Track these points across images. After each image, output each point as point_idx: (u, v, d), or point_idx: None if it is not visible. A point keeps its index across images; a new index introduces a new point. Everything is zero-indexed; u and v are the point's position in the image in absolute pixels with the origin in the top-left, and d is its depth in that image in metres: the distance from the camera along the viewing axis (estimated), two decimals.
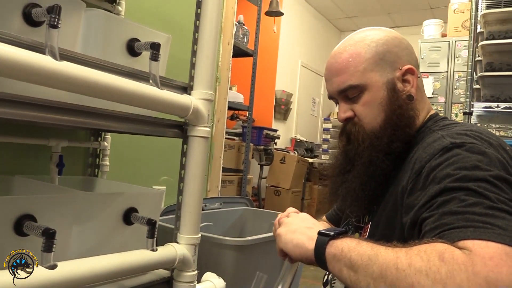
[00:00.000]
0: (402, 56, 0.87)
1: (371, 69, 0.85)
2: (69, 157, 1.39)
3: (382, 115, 0.84)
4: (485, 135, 0.74)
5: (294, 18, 6.13)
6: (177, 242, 1.10)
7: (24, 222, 0.85)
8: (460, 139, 0.72)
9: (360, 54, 0.86)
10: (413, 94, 0.85)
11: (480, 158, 0.67)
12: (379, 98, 0.85)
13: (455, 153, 0.69)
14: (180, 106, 1.05)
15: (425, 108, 0.89)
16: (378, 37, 0.88)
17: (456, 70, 4.10)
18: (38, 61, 0.76)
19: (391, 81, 0.85)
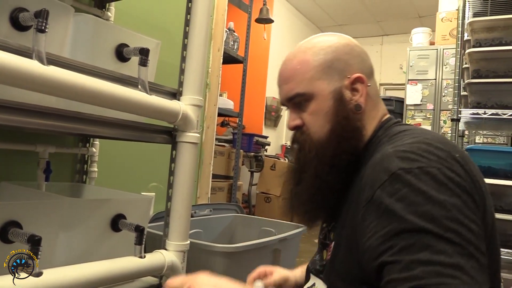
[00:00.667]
0: (353, 64, 0.83)
1: (319, 77, 0.82)
2: (57, 163, 1.37)
3: (328, 126, 0.81)
4: (434, 147, 0.69)
5: (284, 25, 6.17)
6: (165, 249, 1.09)
7: (10, 229, 0.83)
8: (407, 160, 0.67)
9: (308, 62, 0.83)
10: (362, 104, 0.81)
11: (431, 187, 0.63)
12: (326, 108, 0.81)
13: (405, 182, 0.65)
14: (169, 111, 1.05)
15: (377, 116, 0.85)
16: (327, 44, 0.84)
17: (444, 77, 4.15)
18: (25, 66, 0.75)
19: (338, 90, 0.81)
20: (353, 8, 6.17)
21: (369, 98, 0.83)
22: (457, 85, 1.83)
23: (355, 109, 0.81)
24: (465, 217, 0.61)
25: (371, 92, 0.83)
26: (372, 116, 0.84)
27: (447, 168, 0.65)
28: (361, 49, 0.86)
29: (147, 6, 1.82)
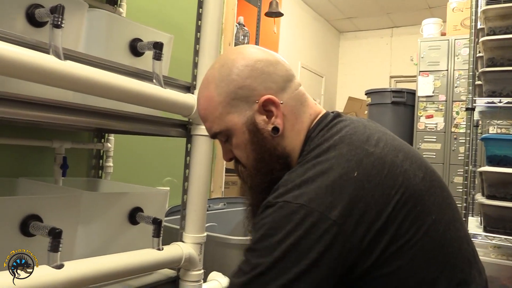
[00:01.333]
0: (256, 86, 0.77)
1: (228, 112, 0.78)
2: (73, 159, 1.39)
3: (250, 157, 0.79)
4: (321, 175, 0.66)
5: (293, 19, 6.14)
6: (182, 241, 1.10)
7: (30, 223, 0.85)
8: (283, 191, 0.67)
9: (213, 98, 0.78)
10: (279, 125, 0.76)
11: (276, 225, 0.64)
12: (244, 141, 0.78)
13: (264, 214, 0.67)
14: (183, 105, 1.05)
15: (302, 128, 0.79)
16: (225, 74, 0.78)
17: (456, 68, 4.10)
18: (42, 61, 0.76)
19: (250, 120, 0.77)
20: (362, 0, 6.13)
21: (288, 113, 0.78)
22: (471, 74, 1.80)
23: (272, 134, 0.77)
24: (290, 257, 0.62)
25: (289, 105, 0.78)
26: (297, 131, 0.79)
27: (312, 204, 0.63)
28: (265, 63, 0.78)
29: (157, 1, 1.83)
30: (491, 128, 2.91)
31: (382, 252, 0.64)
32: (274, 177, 0.76)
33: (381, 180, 0.66)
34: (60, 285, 0.78)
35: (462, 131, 3.75)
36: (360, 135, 0.72)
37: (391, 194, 0.66)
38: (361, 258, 0.64)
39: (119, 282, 1.02)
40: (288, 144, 0.78)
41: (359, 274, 0.65)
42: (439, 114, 4.16)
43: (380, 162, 0.68)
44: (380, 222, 0.64)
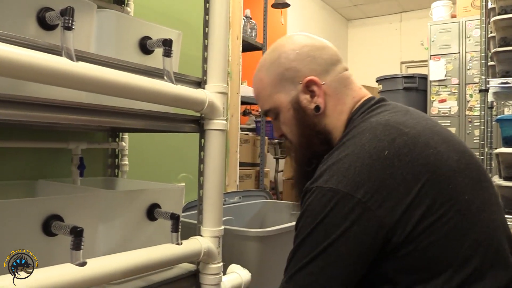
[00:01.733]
0: (302, 68, 0.85)
1: (276, 92, 0.87)
2: (89, 159, 1.41)
3: (296, 134, 0.87)
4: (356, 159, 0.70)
5: (300, 9, 6.10)
6: (201, 235, 1.11)
7: (52, 223, 0.86)
8: (316, 176, 0.73)
9: (263, 80, 0.89)
10: (320, 104, 0.83)
11: (312, 209, 0.71)
12: (290, 118, 0.87)
13: (303, 200, 0.74)
14: (195, 100, 1.06)
15: (345, 110, 0.84)
16: (275, 57, 0.88)
17: (468, 50, 4.04)
18: (55, 63, 0.77)
19: (295, 98, 0.85)
20: None
21: (330, 94, 0.84)
22: (483, 55, 1.78)
23: (314, 112, 0.83)
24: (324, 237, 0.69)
25: (331, 87, 0.84)
26: (339, 111, 0.84)
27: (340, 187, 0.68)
28: (311, 47, 0.86)
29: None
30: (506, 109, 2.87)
31: (414, 228, 0.66)
32: (314, 151, 0.83)
33: (412, 158, 0.69)
34: (84, 282, 0.79)
35: (477, 114, 3.70)
36: (399, 118, 0.76)
37: (422, 171, 0.68)
38: (393, 233, 0.67)
39: (140, 277, 1.03)
40: (329, 123, 0.84)
41: (393, 249, 0.68)
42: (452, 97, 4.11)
43: (413, 141, 0.71)
44: (409, 198, 0.66)
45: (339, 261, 0.68)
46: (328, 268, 0.68)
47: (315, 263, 0.69)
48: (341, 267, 0.68)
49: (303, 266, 0.70)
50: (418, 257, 0.67)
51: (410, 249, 0.67)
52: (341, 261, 0.68)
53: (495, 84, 1.66)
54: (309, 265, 0.69)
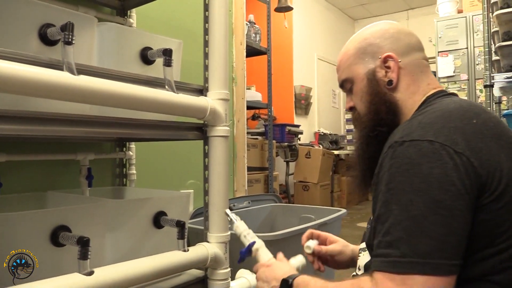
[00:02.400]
0: (384, 45, 0.91)
1: (356, 63, 0.93)
2: (97, 169, 1.43)
3: (365, 103, 0.92)
4: (443, 118, 0.75)
5: (305, 11, 6.11)
6: (207, 241, 1.12)
7: (60, 233, 0.88)
8: (405, 133, 0.74)
9: (348, 52, 0.96)
10: (393, 79, 0.89)
11: (412, 160, 0.70)
12: (362, 88, 0.92)
13: (393, 154, 0.73)
14: (197, 108, 1.07)
15: (418, 91, 0.89)
16: (365, 34, 0.95)
17: (476, 45, 4.00)
18: (57, 78, 0.79)
19: (371, 71, 0.91)
20: None
21: (405, 73, 0.90)
22: (487, 50, 1.77)
23: (387, 85, 0.89)
24: (432, 190, 0.67)
25: (407, 67, 0.90)
26: (412, 91, 0.90)
27: (439, 140, 0.70)
28: (397, 31, 0.93)
29: (167, 8, 1.86)
30: None
31: (505, 186, 0.70)
32: (380, 118, 0.88)
33: (497, 132, 0.75)
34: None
35: None
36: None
37: (504, 146, 0.74)
38: (486, 188, 0.70)
39: (148, 285, 1.04)
40: (400, 98, 0.89)
41: (483, 204, 0.70)
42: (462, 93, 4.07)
43: (497, 120, 0.79)
44: (497, 163, 0.71)
45: (456, 213, 0.67)
46: (448, 221, 0.67)
47: (432, 218, 0.67)
48: (459, 218, 0.67)
49: (418, 222, 0.67)
50: (502, 215, 0.70)
51: (497, 207, 0.70)
52: (457, 213, 0.67)
53: (500, 79, 1.65)
54: (425, 220, 0.67)
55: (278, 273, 0.93)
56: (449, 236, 0.67)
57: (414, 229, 0.67)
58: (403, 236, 0.67)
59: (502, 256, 0.70)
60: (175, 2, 1.86)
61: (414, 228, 0.67)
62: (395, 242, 0.68)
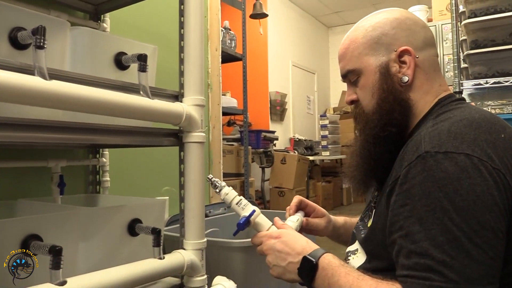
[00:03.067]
0: (400, 37, 0.84)
1: (366, 53, 0.86)
2: (70, 177, 1.40)
3: (374, 99, 0.84)
4: (473, 128, 0.70)
5: (280, 19, 6.16)
6: (183, 248, 1.11)
7: (31, 242, 0.86)
8: (436, 143, 0.69)
9: (357, 40, 0.87)
10: (408, 76, 0.82)
11: (450, 175, 0.65)
12: (373, 81, 0.85)
13: (426, 166, 0.67)
14: (172, 114, 1.06)
15: (431, 91, 0.84)
16: (376, 21, 0.87)
17: (445, 53, 4.12)
18: (28, 83, 0.77)
19: (384, 64, 0.84)
20: None
21: (420, 71, 0.83)
22: (456, 58, 1.82)
23: (401, 82, 0.82)
24: (475, 210, 0.63)
25: (423, 64, 0.84)
26: (425, 90, 0.84)
27: (476, 154, 0.65)
28: (414, 22, 0.86)
29: (142, 13, 1.84)
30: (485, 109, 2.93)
31: None
32: (392, 117, 0.81)
33: None
34: None
35: None
36: None
37: None
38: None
39: None
40: (413, 97, 0.83)
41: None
42: None
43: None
44: None
45: (499, 235, 0.63)
46: (493, 243, 0.62)
47: (478, 240, 0.62)
48: (502, 241, 0.64)
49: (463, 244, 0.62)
50: None
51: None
52: (501, 236, 0.64)
53: (468, 86, 1.70)
54: (470, 242, 0.62)
55: (296, 247, 0.84)
56: (496, 260, 0.62)
57: (459, 252, 0.61)
58: (446, 259, 0.61)
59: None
60: (150, 7, 1.85)
61: (459, 251, 0.61)
62: (436, 266, 0.62)
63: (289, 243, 0.85)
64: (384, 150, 0.82)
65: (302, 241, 0.85)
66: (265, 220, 0.98)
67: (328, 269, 0.77)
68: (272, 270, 0.88)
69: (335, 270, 0.75)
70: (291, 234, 0.89)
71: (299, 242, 0.85)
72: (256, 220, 0.97)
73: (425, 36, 0.86)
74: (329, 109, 7.29)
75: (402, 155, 0.76)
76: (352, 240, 0.95)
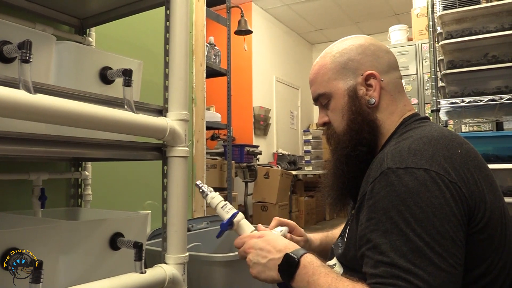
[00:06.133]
0: (365, 62, 0.89)
1: (335, 78, 0.91)
2: (51, 190, 1.39)
3: (344, 120, 0.89)
4: (432, 145, 0.74)
5: (265, 35, 6.24)
6: (165, 262, 1.11)
7: None
8: (398, 160, 0.73)
9: (326, 65, 0.92)
10: (375, 98, 0.87)
11: (410, 188, 0.69)
12: (342, 104, 0.90)
13: (389, 182, 0.72)
14: (156, 128, 1.08)
15: (396, 111, 0.89)
16: (343, 47, 0.92)
17: (425, 71, 4.22)
18: (12, 96, 0.77)
19: (352, 88, 0.89)
20: (329, 12, 6.28)
21: (385, 93, 0.89)
22: (433, 77, 1.88)
23: (368, 104, 0.88)
24: (434, 221, 0.67)
25: (387, 86, 0.89)
26: (390, 111, 0.89)
27: (434, 168, 0.70)
28: (377, 48, 0.92)
29: (127, 28, 1.86)
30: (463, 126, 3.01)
31: (488, 219, 0.72)
32: (362, 137, 0.86)
33: (478, 164, 0.76)
34: None
35: None
36: None
37: (485, 179, 0.75)
38: (472, 219, 0.71)
39: None
40: (380, 118, 0.88)
41: (469, 234, 0.71)
42: None
43: (475, 151, 0.79)
44: (479, 195, 0.73)
45: (458, 244, 0.67)
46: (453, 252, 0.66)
47: (438, 249, 0.66)
48: (461, 249, 0.68)
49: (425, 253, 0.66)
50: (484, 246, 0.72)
51: (480, 238, 0.71)
52: (459, 244, 0.68)
53: (445, 104, 1.76)
54: (432, 251, 0.66)
55: (278, 244, 0.86)
56: (456, 267, 0.66)
57: (422, 261, 0.65)
58: (411, 267, 0.65)
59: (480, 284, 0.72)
60: (135, 22, 1.86)
61: (422, 260, 0.65)
62: (403, 273, 0.65)
63: (271, 242, 0.87)
64: (356, 169, 0.86)
65: (284, 240, 0.88)
66: (248, 224, 1.00)
67: (309, 267, 0.78)
68: (252, 268, 0.89)
69: (316, 269, 0.77)
70: (273, 234, 0.91)
71: (281, 241, 0.87)
72: (240, 223, 0.99)
73: (389, 60, 0.91)
74: (312, 124, 7.36)
75: (368, 172, 0.80)
76: (331, 255, 0.98)
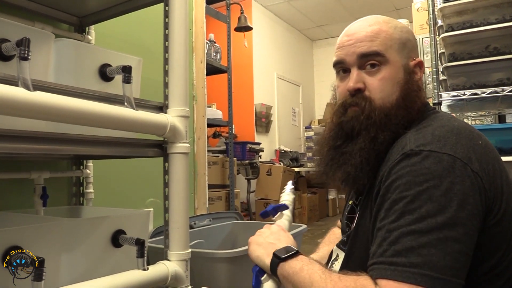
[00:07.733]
0: (415, 48, 0.91)
1: (396, 49, 0.86)
2: (53, 188, 1.39)
3: (397, 95, 0.84)
4: (454, 133, 0.74)
5: (265, 32, 6.23)
6: (168, 259, 1.11)
7: None
8: (422, 143, 0.72)
9: (390, 32, 0.87)
10: (421, 85, 0.88)
11: (432, 171, 0.69)
12: (397, 77, 0.85)
13: (410, 162, 0.71)
14: (157, 125, 1.07)
15: (418, 99, 0.88)
16: (402, 25, 0.91)
17: (426, 66, 4.19)
18: (11, 93, 0.77)
19: (407, 67, 0.87)
20: (330, 8, 6.25)
21: (421, 82, 0.89)
22: (435, 70, 1.87)
23: (417, 88, 0.87)
24: (451, 206, 0.66)
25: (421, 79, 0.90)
26: (416, 97, 0.88)
27: (459, 155, 0.70)
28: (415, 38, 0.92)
29: (126, 26, 1.85)
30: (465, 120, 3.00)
31: (504, 211, 0.72)
32: (409, 117, 0.83)
33: (496, 155, 0.76)
34: None
35: None
36: None
37: (503, 170, 0.76)
38: (489, 211, 0.71)
39: None
40: (418, 103, 0.86)
41: (486, 227, 0.71)
42: None
43: (491, 144, 0.78)
44: (496, 181, 0.72)
45: (470, 232, 0.67)
46: (462, 239, 0.66)
47: (448, 233, 0.65)
48: (471, 238, 0.67)
49: (434, 235, 0.65)
50: (500, 239, 0.72)
51: (496, 231, 0.71)
52: (471, 233, 0.67)
53: (447, 98, 1.75)
54: (441, 233, 0.65)
55: (286, 240, 0.86)
56: (462, 254, 0.65)
57: (428, 242, 0.65)
58: (414, 246, 0.65)
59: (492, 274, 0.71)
60: (134, 19, 1.86)
61: (428, 241, 0.65)
62: (405, 252, 0.65)
63: (281, 236, 0.88)
64: (383, 148, 0.82)
65: (293, 241, 0.87)
66: (286, 222, 0.98)
67: (305, 259, 0.79)
68: (250, 246, 0.90)
69: (312, 262, 0.77)
70: (287, 234, 0.90)
71: (290, 239, 0.87)
72: (283, 212, 1.00)
73: None
74: (314, 121, 7.35)
75: (388, 157, 0.79)
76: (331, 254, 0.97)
